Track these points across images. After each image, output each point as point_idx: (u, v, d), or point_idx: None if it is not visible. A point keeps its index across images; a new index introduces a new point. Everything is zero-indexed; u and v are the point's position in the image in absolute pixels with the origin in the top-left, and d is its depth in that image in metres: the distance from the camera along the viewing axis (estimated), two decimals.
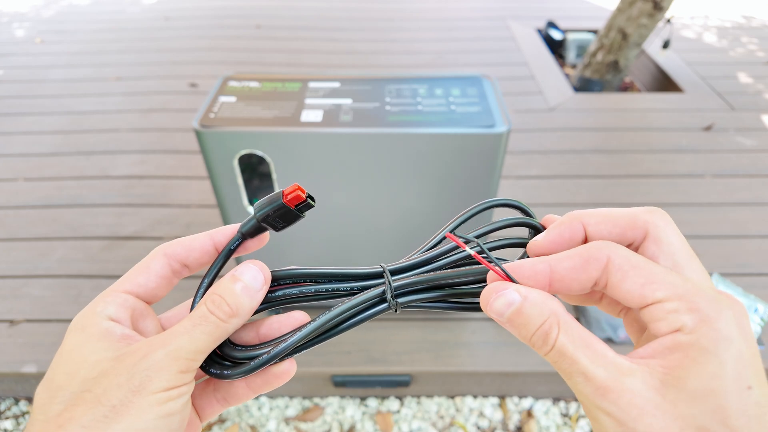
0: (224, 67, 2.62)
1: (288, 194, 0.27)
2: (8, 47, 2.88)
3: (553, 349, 0.24)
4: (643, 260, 0.24)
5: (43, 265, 1.50)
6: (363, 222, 1.12)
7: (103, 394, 0.23)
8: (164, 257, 0.29)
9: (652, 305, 0.23)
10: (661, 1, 2.18)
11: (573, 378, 0.23)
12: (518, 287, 0.25)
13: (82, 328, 0.26)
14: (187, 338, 0.25)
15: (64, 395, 0.24)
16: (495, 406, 1.28)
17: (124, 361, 0.24)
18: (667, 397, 0.21)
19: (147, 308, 0.29)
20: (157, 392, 0.23)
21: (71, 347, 0.25)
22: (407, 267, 0.29)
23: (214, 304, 0.26)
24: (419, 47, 2.87)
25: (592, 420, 0.23)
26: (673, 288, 0.23)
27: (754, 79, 2.44)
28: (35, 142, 2.03)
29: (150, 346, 0.25)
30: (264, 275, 0.27)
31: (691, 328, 0.22)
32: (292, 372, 0.29)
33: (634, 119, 2.15)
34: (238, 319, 0.26)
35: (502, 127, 0.94)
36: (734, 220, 1.62)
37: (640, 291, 0.23)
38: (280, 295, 0.29)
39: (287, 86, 1.05)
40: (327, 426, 1.25)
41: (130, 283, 0.28)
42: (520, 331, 0.25)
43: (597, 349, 0.23)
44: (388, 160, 0.99)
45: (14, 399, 1.31)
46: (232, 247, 0.29)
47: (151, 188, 1.79)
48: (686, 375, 0.21)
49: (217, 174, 1.01)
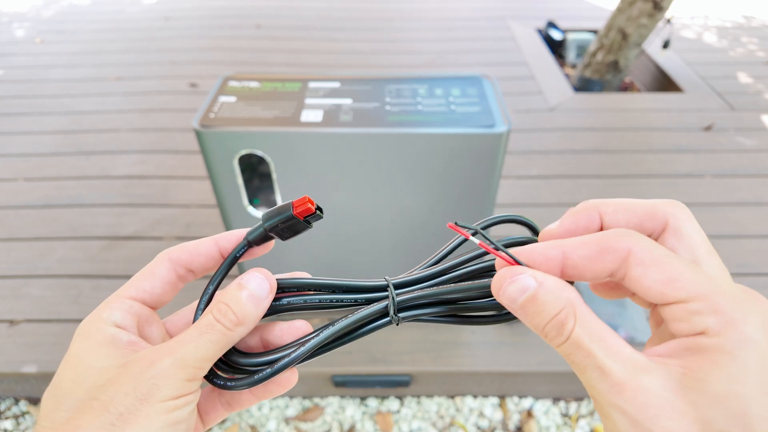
0: (224, 67, 2.62)
1: (298, 206, 0.28)
2: (8, 47, 2.88)
3: (567, 340, 0.23)
4: (666, 254, 0.23)
5: (43, 265, 1.50)
6: (363, 222, 1.12)
7: (110, 402, 0.23)
8: (169, 262, 0.29)
9: (673, 304, 0.22)
10: (661, 1, 2.18)
11: (587, 372, 0.22)
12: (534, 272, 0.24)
13: (87, 335, 0.26)
14: (193, 346, 0.25)
15: (70, 402, 0.24)
16: (495, 406, 1.28)
17: (131, 368, 0.24)
18: (687, 398, 0.20)
19: (152, 314, 0.29)
20: (164, 400, 0.23)
21: (77, 353, 0.25)
22: (411, 281, 0.29)
23: (220, 313, 0.26)
24: (419, 47, 2.87)
25: (603, 417, 0.22)
26: (697, 287, 0.21)
27: (754, 79, 2.44)
28: (35, 142, 2.03)
29: (157, 354, 0.25)
30: (270, 283, 0.27)
31: (715, 331, 0.21)
32: (293, 381, 0.29)
33: (634, 119, 2.15)
34: (244, 328, 0.26)
35: (502, 127, 0.94)
36: (734, 220, 1.62)
37: (661, 288, 0.22)
38: (285, 304, 0.29)
39: (287, 86, 1.05)
40: (327, 426, 1.25)
41: (135, 289, 0.28)
42: (533, 320, 0.24)
43: (613, 344, 0.22)
44: (388, 160, 0.99)
45: (14, 399, 1.31)
46: (238, 254, 0.29)
47: (151, 188, 1.79)
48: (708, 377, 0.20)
49: (217, 174, 1.01)
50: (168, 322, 0.30)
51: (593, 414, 1.27)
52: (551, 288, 0.24)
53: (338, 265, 1.22)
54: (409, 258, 1.19)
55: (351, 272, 1.23)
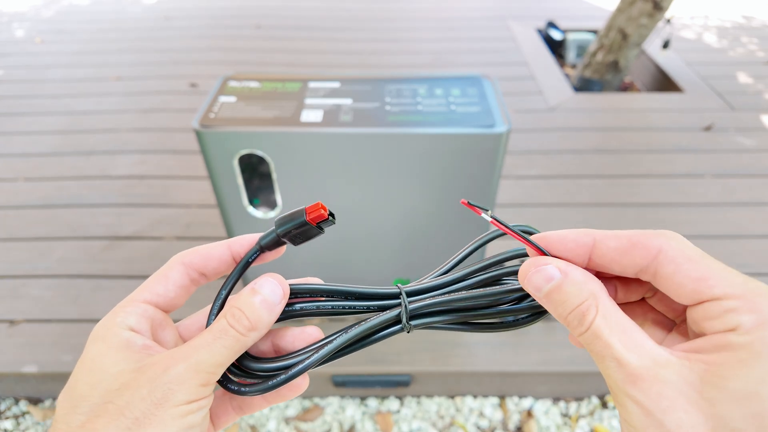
0: (224, 67, 2.62)
1: (311, 212, 0.28)
2: (8, 47, 2.88)
3: (588, 330, 0.23)
4: (700, 253, 0.23)
5: (42, 265, 1.50)
6: (363, 222, 1.12)
7: (125, 407, 0.23)
8: (182, 266, 0.29)
9: (707, 302, 0.22)
10: (661, 1, 2.18)
11: (605, 362, 0.22)
12: (559, 263, 0.25)
13: (103, 339, 0.26)
14: (207, 351, 0.25)
15: (86, 406, 0.24)
16: (495, 406, 1.28)
17: (146, 373, 0.24)
18: (705, 394, 0.20)
19: (166, 318, 0.29)
20: (179, 405, 0.24)
21: (92, 357, 0.25)
22: (424, 290, 0.30)
23: (233, 318, 0.26)
24: (419, 47, 2.87)
25: (619, 407, 0.22)
26: (733, 286, 0.21)
27: (754, 79, 2.44)
28: (35, 142, 2.03)
29: (171, 359, 0.25)
30: (283, 289, 0.28)
31: (747, 329, 0.20)
32: (305, 386, 0.30)
33: (634, 119, 2.15)
34: (257, 333, 0.27)
35: (502, 127, 0.94)
36: (734, 220, 1.62)
37: (695, 286, 0.22)
38: (298, 309, 0.29)
39: (287, 86, 1.05)
40: (327, 426, 1.25)
41: (149, 293, 0.28)
42: (556, 309, 0.25)
43: (635, 337, 0.22)
44: (388, 160, 0.99)
45: (14, 399, 1.31)
46: (250, 259, 0.30)
47: (151, 188, 1.79)
48: (730, 375, 0.20)
49: (217, 174, 1.01)
50: (181, 326, 0.31)
51: (593, 414, 1.27)
52: (576, 279, 0.24)
53: (339, 265, 1.22)
54: (409, 258, 1.19)
55: (352, 272, 1.23)
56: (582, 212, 1.66)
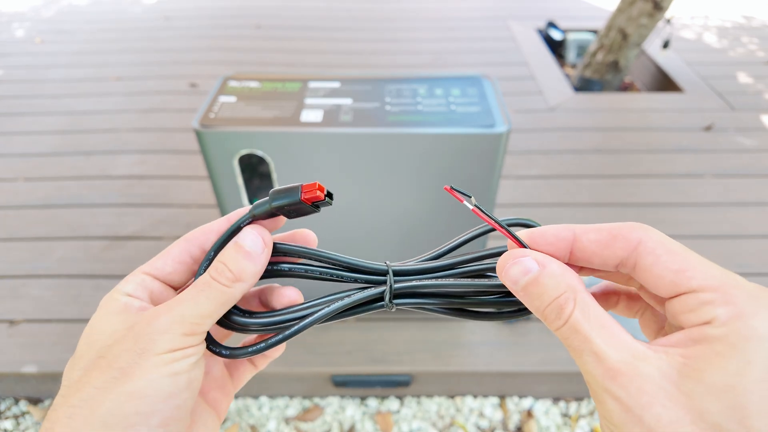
0: (224, 67, 2.62)
1: (306, 191, 0.28)
2: (8, 47, 2.88)
3: (566, 324, 0.23)
4: (679, 246, 0.23)
5: (43, 265, 1.50)
6: (363, 222, 1.12)
7: (113, 359, 0.25)
8: (184, 242, 0.30)
9: (685, 294, 0.22)
10: (661, 1, 2.18)
11: (583, 357, 0.22)
12: (537, 255, 0.25)
13: (103, 306, 0.28)
14: (191, 304, 0.26)
15: (82, 363, 0.26)
16: (495, 406, 1.28)
17: (134, 329, 0.26)
18: (683, 388, 0.20)
19: (167, 289, 0.30)
20: (161, 353, 0.25)
21: (93, 323, 0.27)
22: (411, 271, 0.30)
23: (216, 271, 0.27)
24: (419, 47, 2.87)
25: (598, 404, 0.22)
26: (711, 279, 0.21)
27: (754, 79, 2.44)
28: (35, 142, 2.03)
29: (156, 313, 0.26)
30: (263, 238, 0.28)
31: (722, 321, 0.20)
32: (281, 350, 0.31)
33: (634, 119, 2.15)
34: (243, 284, 0.27)
35: (502, 127, 0.94)
36: (734, 220, 1.62)
37: (673, 278, 0.22)
38: (287, 269, 0.30)
39: (287, 86, 1.05)
40: (327, 426, 1.25)
41: (149, 266, 0.29)
42: (533, 302, 0.25)
43: (613, 331, 0.22)
44: (388, 160, 0.99)
45: (14, 399, 1.31)
46: (241, 225, 0.30)
47: (151, 188, 1.79)
48: (707, 368, 0.20)
49: (217, 174, 1.01)
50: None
51: (593, 414, 1.27)
52: (553, 272, 0.24)
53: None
54: (409, 258, 1.19)
55: None
56: (582, 212, 1.66)
